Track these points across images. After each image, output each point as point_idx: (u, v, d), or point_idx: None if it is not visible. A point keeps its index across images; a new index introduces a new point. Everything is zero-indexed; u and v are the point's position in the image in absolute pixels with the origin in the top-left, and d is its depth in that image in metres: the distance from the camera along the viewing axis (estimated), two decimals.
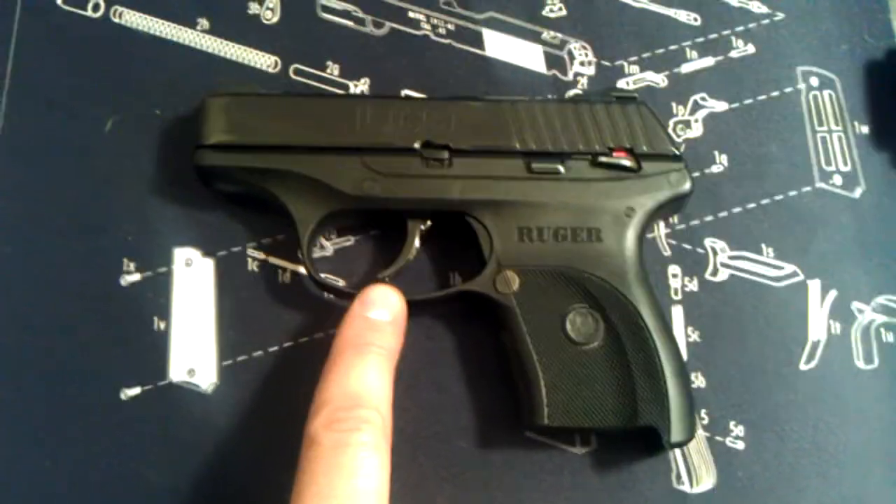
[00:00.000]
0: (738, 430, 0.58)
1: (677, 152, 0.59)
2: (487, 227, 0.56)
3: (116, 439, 0.57)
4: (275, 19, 0.67)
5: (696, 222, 0.63)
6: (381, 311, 0.54)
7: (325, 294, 0.60)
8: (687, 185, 0.58)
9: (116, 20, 0.66)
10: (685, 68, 0.67)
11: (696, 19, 0.68)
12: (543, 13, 0.68)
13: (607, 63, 0.67)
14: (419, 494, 0.55)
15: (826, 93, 0.67)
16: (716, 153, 0.65)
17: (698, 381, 0.59)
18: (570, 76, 0.67)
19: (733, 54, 0.68)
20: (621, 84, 0.66)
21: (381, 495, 0.47)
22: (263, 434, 0.57)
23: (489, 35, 0.67)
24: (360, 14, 0.67)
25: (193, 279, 0.60)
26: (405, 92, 0.65)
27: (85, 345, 0.59)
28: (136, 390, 0.58)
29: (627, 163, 0.58)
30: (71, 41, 0.65)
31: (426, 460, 0.57)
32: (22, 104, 0.64)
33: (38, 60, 0.65)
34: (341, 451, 0.47)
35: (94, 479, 0.56)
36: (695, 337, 0.60)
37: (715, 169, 0.64)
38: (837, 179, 0.65)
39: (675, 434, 0.53)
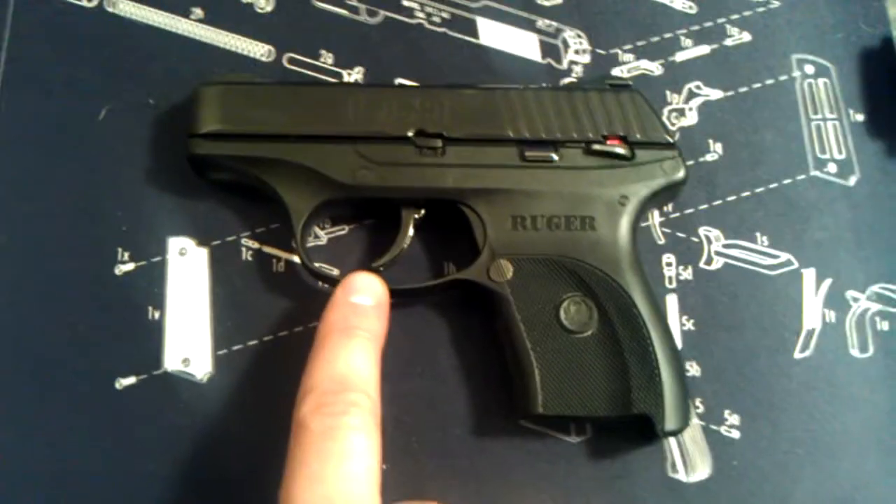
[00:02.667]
0: (733, 419, 0.58)
1: (671, 140, 0.59)
2: (481, 216, 0.56)
3: (111, 428, 0.57)
4: (269, 8, 0.67)
5: (690, 211, 0.63)
6: (365, 297, 0.54)
7: (320, 283, 0.60)
8: (681, 173, 0.58)
9: (111, 9, 0.66)
10: (680, 56, 0.67)
11: (691, 7, 0.68)
12: (538, 1, 0.68)
13: (602, 51, 0.67)
14: (413, 482, 0.56)
15: (821, 81, 0.67)
16: (710, 141, 0.65)
17: (693, 369, 0.59)
18: (565, 64, 0.67)
19: (728, 42, 0.68)
20: (616, 72, 0.66)
21: (373, 478, 0.46)
22: (258, 422, 0.57)
23: (483, 23, 0.67)
24: (354, 3, 0.67)
25: (188, 268, 0.60)
26: (399, 81, 0.65)
27: (80, 334, 0.59)
28: (131, 380, 0.58)
29: (621, 151, 0.58)
30: (65, 30, 0.65)
31: (420, 448, 0.57)
32: (16, 93, 0.64)
33: (33, 50, 0.65)
34: (331, 435, 0.47)
35: (89, 468, 0.56)
36: (689, 325, 0.60)
37: (709, 157, 0.64)
38: (832, 167, 0.64)
39: (670, 422, 0.53)
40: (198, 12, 0.66)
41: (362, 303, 0.54)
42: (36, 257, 0.60)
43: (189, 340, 0.59)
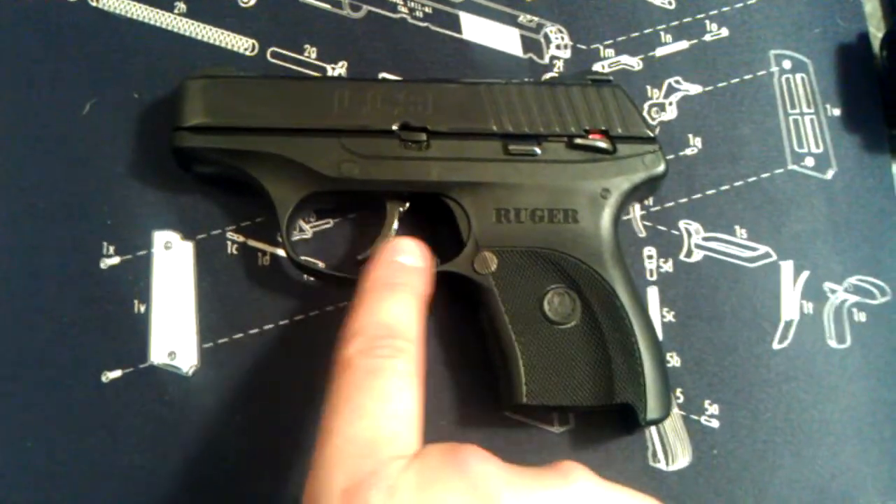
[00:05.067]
0: (713, 409, 0.59)
1: (652, 134, 0.59)
2: (465, 209, 0.57)
3: (98, 421, 0.57)
4: (252, 2, 0.67)
5: (670, 204, 0.64)
6: (411, 258, 0.54)
7: (305, 276, 0.61)
8: (661, 167, 0.59)
9: (94, 4, 0.66)
10: (660, 52, 0.68)
11: (670, 3, 0.69)
12: None
13: (583, 46, 0.68)
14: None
15: (798, 76, 0.68)
16: (690, 136, 0.65)
17: (673, 360, 0.60)
18: (547, 59, 0.67)
19: (707, 38, 0.68)
20: (597, 67, 0.67)
21: (415, 421, 0.46)
22: (244, 415, 0.58)
23: (466, 18, 0.68)
24: None
25: (173, 262, 0.61)
26: (382, 75, 0.65)
27: (65, 328, 0.59)
28: (116, 373, 0.58)
29: (603, 145, 0.58)
30: (49, 25, 0.65)
31: None
32: (0, 88, 0.64)
33: (16, 44, 0.65)
34: (378, 375, 0.47)
35: (75, 461, 0.57)
36: (670, 317, 0.61)
37: (689, 151, 0.65)
38: (809, 161, 0.65)
39: (651, 411, 0.54)
40: (181, 6, 0.66)
41: (408, 262, 0.54)
42: (20, 251, 0.60)
43: (175, 334, 0.59)
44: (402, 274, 0.53)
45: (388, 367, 0.47)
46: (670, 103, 0.66)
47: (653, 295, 0.62)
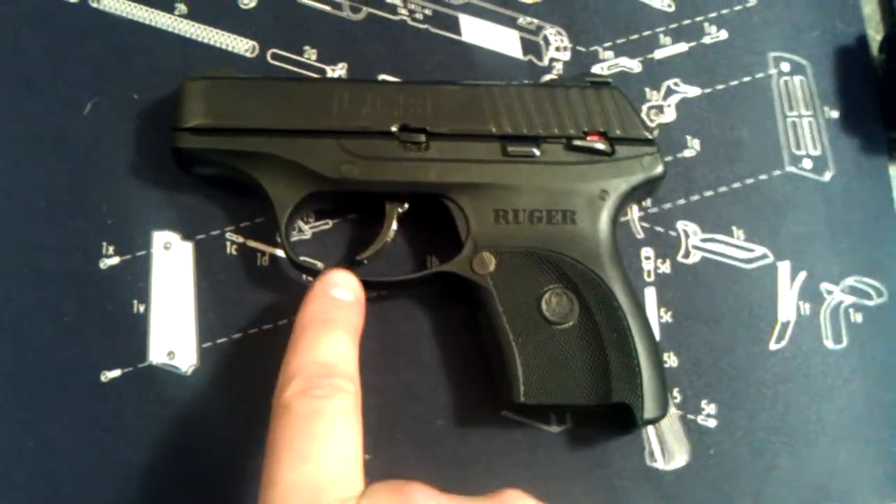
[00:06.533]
0: (710, 409, 0.59)
1: (650, 136, 0.60)
2: (464, 210, 0.57)
3: (97, 421, 0.58)
4: (252, 4, 0.67)
5: (668, 206, 0.64)
6: (345, 292, 0.54)
7: (304, 277, 0.61)
8: (659, 169, 0.59)
9: (95, 5, 0.66)
10: (658, 54, 0.68)
11: (669, 5, 0.69)
12: None
13: (582, 49, 0.68)
14: (396, 471, 0.55)
15: (797, 78, 0.68)
16: (688, 137, 0.66)
17: (671, 360, 0.60)
18: (546, 61, 0.67)
19: (706, 40, 0.69)
20: (596, 69, 0.67)
21: (356, 461, 0.46)
22: (242, 414, 0.58)
23: (466, 20, 0.68)
24: None
25: (172, 262, 0.61)
26: (382, 77, 0.66)
27: (65, 328, 0.59)
28: (116, 372, 0.58)
29: (601, 146, 0.59)
30: (49, 25, 0.65)
31: (404, 438, 0.57)
32: (0, 88, 0.64)
33: (17, 45, 0.65)
34: (316, 418, 0.46)
35: (75, 460, 0.57)
36: (667, 318, 0.61)
37: (687, 153, 0.65)
38: (807, 163, 0.66)
39: (648, 411, 0.54)
40: (181, 8, 0.66)
41: (342, 297, 0.54)
42: (20, 251, 0.60)
43: (174, 333, 0.59)
44: (336, 310, 0.53)
45: (329, 409, 0.47)
46: (669, 105, 0.66)
47: (650, 296, 0.62)
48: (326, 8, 0.67)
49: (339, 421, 0.47)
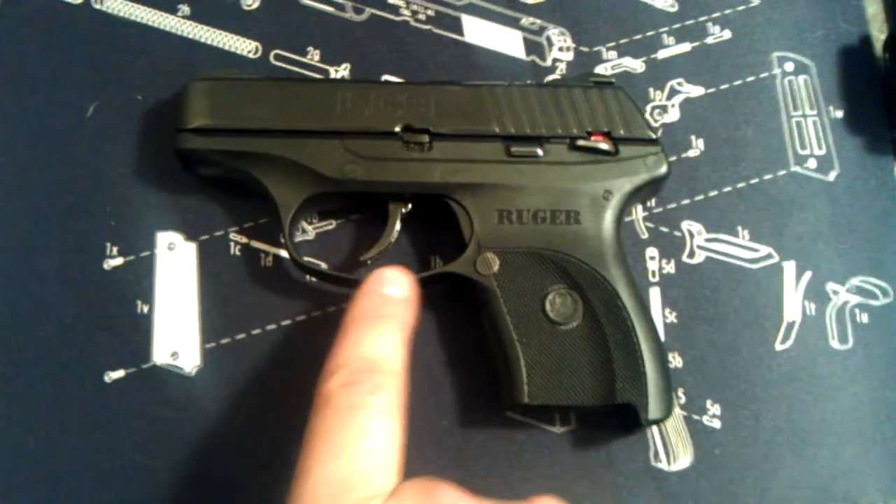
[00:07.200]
0: (715, 409, 0.59)
1: (654, 136, 0.59)
2: (468, 210, 0.57)
3: (100, 421, 0.58)
4: (255, 5, 0.67)
5: (672, 205, 0.64)
6: (397, 288, 0.54)
7: (308, 277, 0.61)
8: (663, 169, 0.59)
9: (97, 6, 0.66)
10: (662, 54, 0.68)
11: (672, 5, 0.69)
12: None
13: (585, 49, 0.68)
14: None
15: (801, 78, 0.68)
16: (692, 137, 0.65)
17: (675, 361, 0.60)
18: (549, 62, 0.67)
19: (709, 40, 0.68)
20: (599, 69, 0.67)
21: (391, 459, 0.47)
22: (246, 415, 0.58)
23: (468, 21, 0.68)
24: (341, 0, 0.68)
25: (176, 263, 0.61)
26: (385, 77, 0.66)
27: (68, 328, 0.59)
28: (119, 373, 0.59)
29: (605, 146, 0.59)
30: (52, 27, 0.65)
31: (408, 438, 0.57)
32: (3, 90, 0.64)
33: (20, 46, 0.65)
34: (355, 412, 0.46)
35: (76, 461, 0.57)
36: (672, 318, 0.61)
37: (691, 153, 0.65)
38: (812, 163, 0.65)
39: (653, 411, 0.54)
40: (185, 9, 0.67)
41: (393, 293, 0.54)
42: (24, 252, 0.61)
43: (177, 334, 0.60)
44: (388, 306, 0.53)
45: (368, 404, 0.47)
46: (672, 105, 0.66)
47: (655, 296, 0.62)
48: (329, 9, 0.67)
49: (378, 417, 0.47)
